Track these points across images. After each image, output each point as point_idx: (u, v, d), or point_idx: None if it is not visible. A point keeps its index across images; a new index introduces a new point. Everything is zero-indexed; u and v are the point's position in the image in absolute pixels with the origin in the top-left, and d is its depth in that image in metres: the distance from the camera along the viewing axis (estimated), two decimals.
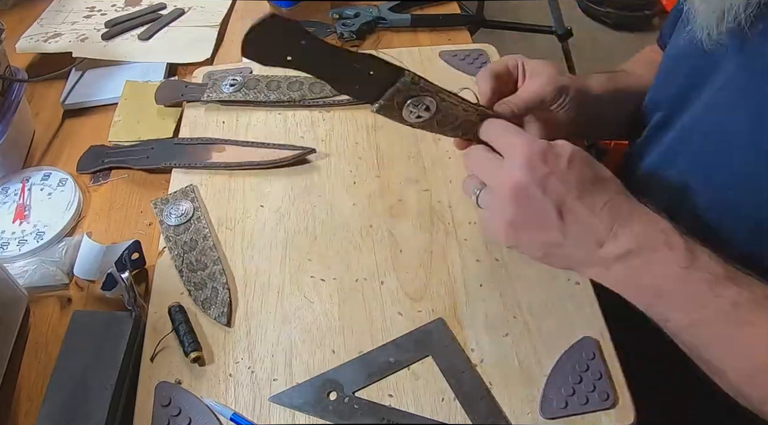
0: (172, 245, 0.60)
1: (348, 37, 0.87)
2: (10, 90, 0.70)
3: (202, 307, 0.56)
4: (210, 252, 0.59)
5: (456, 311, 0.55)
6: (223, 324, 0.55)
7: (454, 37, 0.87)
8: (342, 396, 0.50)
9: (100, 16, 0.94)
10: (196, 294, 0.57)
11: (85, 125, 0.79)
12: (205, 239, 0.61)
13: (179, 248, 0.60)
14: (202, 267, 0.58)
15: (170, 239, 0.61)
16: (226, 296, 0.56)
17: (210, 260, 0.59)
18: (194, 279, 0.58)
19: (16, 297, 0.58)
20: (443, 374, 0.51)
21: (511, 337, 0.53)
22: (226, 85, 0.74)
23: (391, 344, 0.53)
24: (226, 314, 0.55)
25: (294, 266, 0.59)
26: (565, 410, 0.48)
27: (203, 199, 0.65)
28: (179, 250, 0.60)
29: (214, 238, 0.61)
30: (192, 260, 0.59)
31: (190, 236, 0.61)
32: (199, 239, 0.61)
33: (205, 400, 0.50)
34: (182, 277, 0.58)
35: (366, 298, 0.56)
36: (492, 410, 0.49)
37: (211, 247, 0.60)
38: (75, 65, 0.84)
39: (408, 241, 0.60)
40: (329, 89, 0.74)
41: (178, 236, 0.61)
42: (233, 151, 0.69)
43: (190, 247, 0.60)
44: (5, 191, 0.69)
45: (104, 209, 0.68)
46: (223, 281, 0.57)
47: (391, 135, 0.70)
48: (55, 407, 0.49)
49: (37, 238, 0.63)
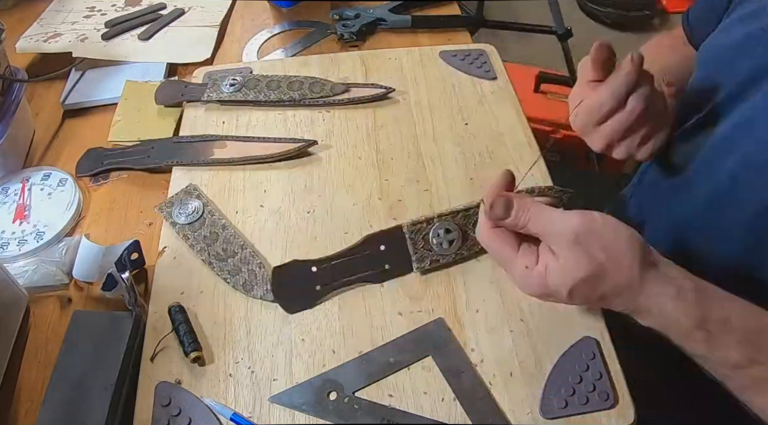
0: (192, 242, 0.61)
1: (348, 38, 0.87)
2: (10, 90, 0.70)
3: (243, 290, 0.57)
4: (234, 239, 0.60)
5: (456, 311, 0.55)
6: (270, 301, 0.55)
7: (454, 38, 0.87)
8: (342, 396, 0.50)
9: (100, 16, 0.94)
10: (234, 280, 0.57)
11: (85, 125, 0.79)
12: (225, 229, 0.61)
13: (201, 243, 0.60)
14: (232, 254, 0.59)
15: (189, 237, 0.61)
16: (266, 275, 0.57)
17: (237, 246, 0.60)
18: (227, 267, 0.58)
19: (16, 297, 0.58)
20: (443, 374, 0.51)
21: (511, 337, 0.53)
22: (226, 85, 0.74)
23: (391, 344, 0.53)
24: (272, 291, 0.56)
25: None
26: (565, 410, 0.48)
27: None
28: (202, 244, 0.60)
29: (233, 227, 0.62)
30: (218, 250, 0.59)
31: (209, 230, 0.61)
32: (218, 230, 0.61)
33: (205, 400, 0.50)
34: (213, 268, 0.59)
35: (366, 298, 0.56)
36: (492, 410, 0.49)
37: (233, 235, 0.61)
38: (75, 65, 0.84)
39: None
40: (329, 89, 0.74)
41: (195, 233, 0.61)
42: (234, 146, 0.69)
43: (212, 239, 0.60)
44: (5, 191, 0.69)
45: (104, 209, 0.68)
46: (258, 262, 0.58)
47: (391, 135, 0.70)
48: (55, 407, 0.49)
49: (37, 238, 0.63)
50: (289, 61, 0.84)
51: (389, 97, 0.75)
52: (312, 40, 0.89)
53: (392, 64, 0.79)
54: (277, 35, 0.91)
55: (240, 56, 0.87)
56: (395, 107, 0.73)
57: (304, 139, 0.69)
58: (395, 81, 0.76)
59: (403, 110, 0.73)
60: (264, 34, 0.91)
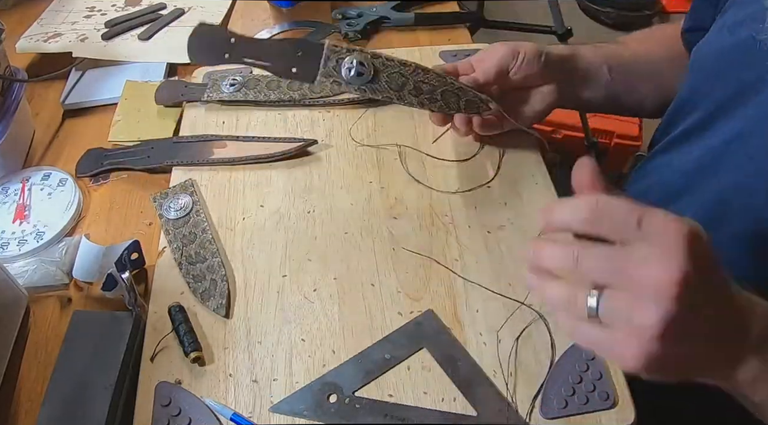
0: (171, 238, 0.61)
1: (353, 37, 0.87)
2: (10, 90, 0.70)
3: (200, 299, 0.56)
4: (209, 245, 0.60)
5: (456, 311, 0.55)
6: (221, 316, 0.55)
7: (454, 37, 0.87)
8: (342, 398, 0.50)
9: (100, 16, 0.94)
10: (195, 286, 0.57)
11: (85, 125, 0.79)
12: (204, 232, 0.61)
13: (178, 242, 0.60)
14: (201, 260, 0.59)
15: (169, 233, 0.61)
16: (224, 288, 0.56)
17: (209, 252, 0.59)
18: (193, 272, 0.58)
19: (16, 297, 0.58)
20: (439, 364, 0.51)
21: (511, 337, 0.53)
22: (226, 85, 0.74)
23: (384, 340, 0.53)
24: (225, 306, 0.55)
25: (294, 266, 0.59)
26: (565, 410, 0.48)
27: (203, 197, 0.65)
28: (178, 243, 0.60)
29: (213, 232, 0.61)
30: (191, 253, 0.59)
31: (189, 230, 0.61)
32: (198, 232, 0.61)
33: (205, 400, 0.50)
34: (181, 269, 0.58)
35: (366, 298, 0.56)
36: (491, 394, 0.49)
37: (210, 240, 0.60)
38: (75, 65, 0.84)
39: (408, 241, 0.60)
40: (330, 89, 0.74)
41: (177, 230, 0.61)
42: (234, 146, 0.69)
43: (189, 240, 0.60)
44: (5, 191, 0.69)
45: (104, 208, 0.68)
46: (222, 273, 0.57)
47: (391, 135, 0.70)
48: (55, 407, 0.49)
49: (37, 238, 0.63)
50: None
51: None
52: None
53: None
54: (277, 35, 0.91)
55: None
56: (395, 106, 0.72)
57: (304, 138, 0.69)
58: None
59: (403, 110, 0.73)
60: (264, 34, 0.91)
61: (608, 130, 1.54)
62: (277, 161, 0.68)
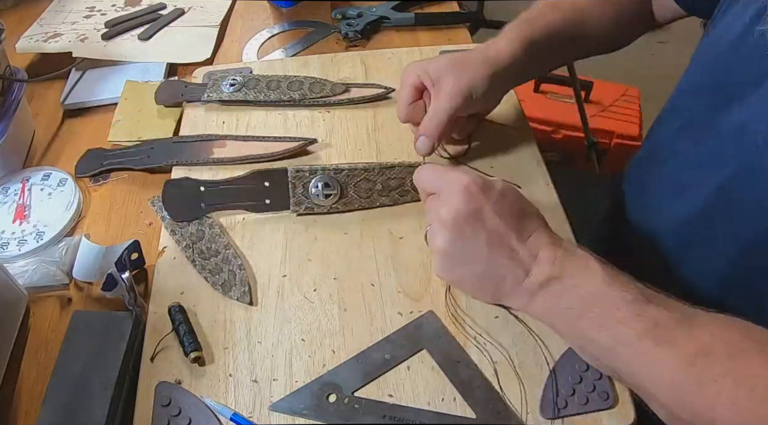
0: (179, 238, 0.61)
1: (353, 37, 0.87)
2: (10, 90, 0.70)
3: (222, 291, 0.57)
4: (219, 239, 0.60)
5: (456, 312, 0.55)
6: (246, 303, 0.56)
7: (454, 38, 0.87)
8: (342, 398, 0.50)
9: (100, 16, 0.94)
10: (214, 280, 0.57)
11: (85, 125, 0.79)
12: (211, 227, 0.61)
13: (187, 240, 0.60)
14: (215, 253, 0.59)
15: (176, 233, 0.61)
16: (243, 276, 0.57)
17: (220, 245, 0.59)
18: (209, 266, 0.58)
19: (16, 297, 0.58)
20: (439, 366, 0.51)
21: (511, 337, 0.53)
22: (226, 85, 0.74)
23: (384, 341, 0.53)
24: (248, 293, 0.56)
25: (294, 266, 0.59)
26: (565, 410, 0.48)
27: None
28: (187, 241, 0.60)
29: (219, 226, 0.62)
30: (203, 248, 0.60)
31: (195, 227, 0.61)
32: (205, 228, 0.61)
33: (205, 400, 0.50)
34: (196, 266, 0.59)
35: (366, 298, 0.56)
36: (491, 397, 0.49)
37: (218, 234, 0.60)
38: (75, 65, 0.84)
39: (408, 241, 0.60)
40: (329, 89, 0.74)
41: (183, 229, 0.61)
42: (234, 146, 0.69)
43: (198, 237, 0.60)
44: (5, 191, 0.69)
45: (104, 209, 0.68)
46: (238, 263, 0.58)
47: (391, 135, 0.70)
48: (55, 407, 0.49)
49: (37, 238, 0.63)
50: (289, 61, 0.84)
51: (389, 97, 0.75)
52: (312, 40, 0.89)
53: (392, 64, 0.79)
54: (277, 35, 0.91)
55: (240, 56, 0.87)
56: (396, 107, 0.72)
57: (304, 138, 0.69)
58: (395, 81, 0.75)
59: None
60: (264, 34, 0.91)
61: (608, 130, 1.54)
62: (277, 161, 0.68)
